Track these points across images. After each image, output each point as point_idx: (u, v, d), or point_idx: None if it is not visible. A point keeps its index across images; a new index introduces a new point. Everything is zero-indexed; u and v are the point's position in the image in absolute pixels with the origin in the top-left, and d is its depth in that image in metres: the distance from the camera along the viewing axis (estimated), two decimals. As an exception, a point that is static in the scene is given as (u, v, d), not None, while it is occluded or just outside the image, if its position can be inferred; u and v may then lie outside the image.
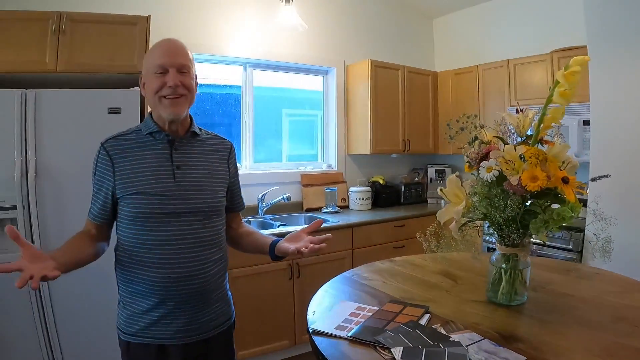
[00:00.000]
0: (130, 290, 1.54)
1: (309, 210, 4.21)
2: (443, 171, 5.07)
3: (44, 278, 1.16)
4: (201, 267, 1.55)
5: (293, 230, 1.73)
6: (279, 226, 3.59)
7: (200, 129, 1.69)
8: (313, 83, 4.65)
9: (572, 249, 3.23)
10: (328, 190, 4.24)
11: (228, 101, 4.08)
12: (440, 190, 1.55)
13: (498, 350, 1.19)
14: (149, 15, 2.98)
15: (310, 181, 4.31)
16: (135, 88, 2.78)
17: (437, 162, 5.29)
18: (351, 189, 4.48)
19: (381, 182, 4.70)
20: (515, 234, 1.45)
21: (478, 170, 1.46)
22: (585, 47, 3.39)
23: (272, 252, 1.66)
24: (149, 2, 3.45)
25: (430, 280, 1.86)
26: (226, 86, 4.06)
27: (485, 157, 1.47)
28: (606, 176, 1.45)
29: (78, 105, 2.69)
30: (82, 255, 1.45)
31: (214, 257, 1.61)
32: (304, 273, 3.40)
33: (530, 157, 1.35)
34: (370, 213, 4.23)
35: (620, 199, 2.69)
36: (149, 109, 1.63)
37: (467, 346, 1.21)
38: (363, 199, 4.41)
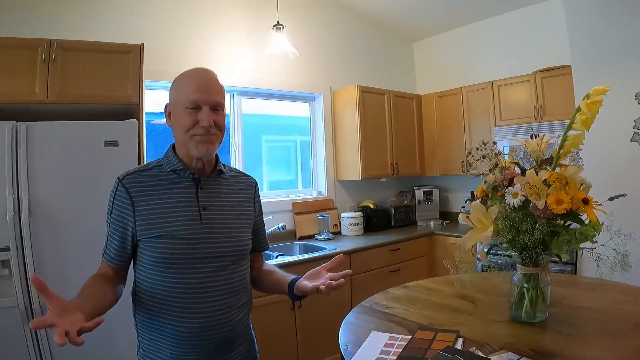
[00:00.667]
0: (151, 338, 1.44)
1: (302, 238, 4.20)
2: (430, 192, 5.14)
3: (81, 331, 1.05)
4: (229, 315, 1.47)
5: (290, 261, 1.71)
6: (277, 257, 3.57)
7: (224, 166, 1.59)
8: (298, 109, 4.69)
9: (566, 262, 3.29)
10: (320, 217, 4.25)
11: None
12: (467, 217, 1.57)
13: None
14: (142, 44, 2.94)
15: (302, 209, 4.31)
16: (132, 120, 2.73)
17: (424, 184, 5.36)
18: (343, 214, 4.49)
19: (371, 206, 4.73)
20: (542, 255, 1.49)
21: (504, 195, 1.49)
22: (568, 66, 3.52)
23: (292, 292, 1.55)
24: (138, 29, 3.45)
25: (450, 304, 1.87)
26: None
27: (510, 183, 1.50)
28: (623, 195, 1.49)
29: (73, 138, 2.59)
30: (105, 302, 1.33)
31: (240, 303, 1.53)
32: (305, 303, 3.37)
33: (554, 182, 1.39)
34: (364, 238, 4.24)
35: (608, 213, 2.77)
36: (171, 144, 1.53)
37: (509, 368, 1.22)
38: (355, 224, 4.43)
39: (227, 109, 4.02)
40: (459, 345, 1.41)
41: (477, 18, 4.91)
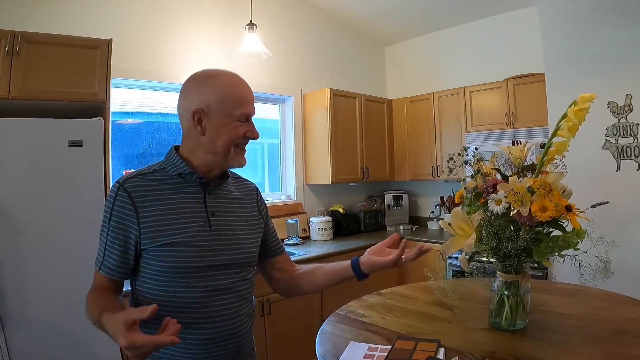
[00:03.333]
0: (158, 356, 1.34)
1: (271, 242, 4.11)
2: (400, 197, 5.14)
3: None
4: (240, 324, 1.43)
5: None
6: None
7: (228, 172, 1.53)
8: (267, 112, 4.62)
9: (537, 267, 3.32)
10: (289, 221, 4.18)
11: (183, 131, 3.95)
12: (449, 224, 1.53)
13: None
14: (111, 39, 2.82)
15: (270, 213, 4.15)
16: (98, 119, 2.62)
17: (393, 189, 5.37)
18: (312, 219, 4.44)
19: (341, 211, 4.69)
20: (524, 262, 1.47)
21: (487, 202, 1.46)
22: (540, 74, 3.57)
23: (359, 271, 1.57)
24: (108, 24, 3.31)
25: (428, 312, 1.83)
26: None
27: (493, 189, 1.47)
28: (606, 202, 1.48)
29: (35, 136, 2.43)
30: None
31: (249, 311, 1.49)
32: (275, 310, 3.30)
33: (538, 189, 1.37)
34: (334, 243, 4.20)
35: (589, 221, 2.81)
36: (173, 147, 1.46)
37: (496, 380, 1.18)
38: (325, 229, 4.38)
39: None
40: (440, 355, 1.37)
41: (450, 24, 4.95)
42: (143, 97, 3.71)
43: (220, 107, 1.34)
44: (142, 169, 1.41)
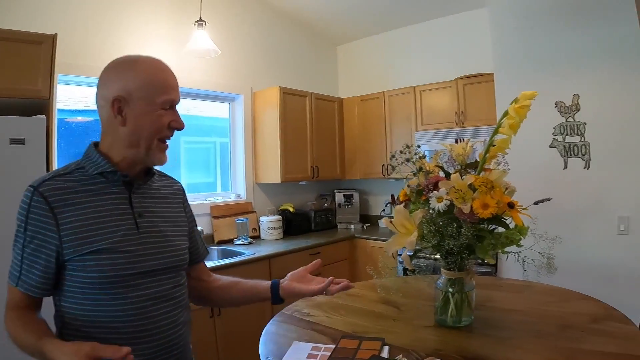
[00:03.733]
0: None
1: (220, 242, 4.05)
2: (351, 196, 5.15)
3: None
4: (180, 334, 1.31)
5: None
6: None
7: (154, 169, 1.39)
8: (219, 110, 4.53)
9: (487, 263, 3.39)
10: (239, 221, 4.12)
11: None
12: (391, 222, 1.52)
13: None
14: (56, 34, 2.69)
15: (220, 212, 4.16)
16: (40, 116, 2.50)
17: (344, 187, 5.37)
18: (262, 218, 4.39)
19: (291, 210, 4.65)
20: (466, 259, 1.47)
21: (428, 200, 1.45)
22: (489, 74, 3.66)
23: (277, 295, 1.49)
24: (53, 19, 3.15)
25: (374, 310, 1.83)
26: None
27: (434, 187, 1.47)
28: (548, 199, 1.51)
29: None
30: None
31: (187, 319, 1.38)
32: (225, 311, 3.23)
33: (480, 186, 1.37)
34: (284, 242, 4.16)
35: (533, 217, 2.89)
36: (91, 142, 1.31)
37: (438, 377, 1.18)
38: (275, 228, 4.34)
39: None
40: (385, 353, 1.36)
41: (402, 24, 4.99)
42: (93, 95, 3.56)
43: (142, 94, 1.21)
44: (58, 170, 1.25)
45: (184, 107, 4.21)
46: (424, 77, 4.63)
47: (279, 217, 4.45)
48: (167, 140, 1.30)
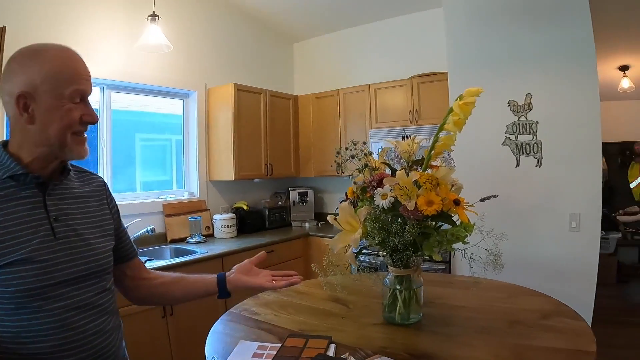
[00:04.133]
0: None
1: (173, 241, 3.97)
2: (305, 194, 5.14)
3: None
4: (108, 342, 1.24)
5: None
6: (145, 261, 3.31)
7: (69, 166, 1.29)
8: (174, 107, 4.43)
9: (440, 260, 3.45)
10: (192, 219, 4.05)
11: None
12: (335, 219, 1.51)
13: None
14: (4, 27, 2.61)
15: (172, 210, 4.08)
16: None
17: (298, 185, 5.35)
18: (215, 216, 4.33)
19: (245, 207, 4.61)
20: (412, 257, 1.48)
21: (373, 197, 1.45)
22: (443, 73, 3.71)
23: (223, 289, 1.48)
24: (1, 11, 2.99)
25: (323, 308, 1.83)
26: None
27: (379, 184, 1.47)
28: (494, 196, 1.53)
29: None
30: None
31: (115, 325, 1.30)
32: (178, 310, 3.16)
33: (425, 183, 1.38)
34: (237, 240, 4.11)
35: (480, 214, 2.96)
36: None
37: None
38: (228, 227, 4.29)
39: (94, 104, 3.70)
40: (331, 352, 1.36)
41: (358, 22, 5.01)
42: None
43: (48, 87, 1.11)
44: None
45: (140, 104, 4.12)
46: (380, 75, 4.67)
47: (232, 215, 4.39)
48: (83, 133, 1.20)
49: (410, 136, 1.64)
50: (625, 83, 5.92)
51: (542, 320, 1.58)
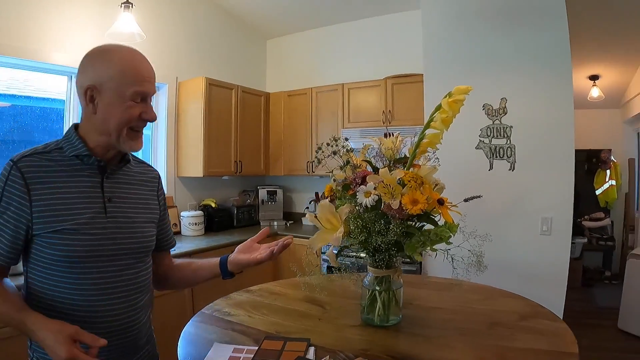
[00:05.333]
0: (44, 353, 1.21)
1: (138, 238, 3.84)
2: (274, 192, 5.09)
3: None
4: (136, 317, 1.37)
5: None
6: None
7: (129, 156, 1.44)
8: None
9: (412, 261, 3.44)
10: (159, 215, 3.93)
11: (50, 116, 3.54)
12: (315, 217, 1.46)
13: None
14: None
15: (137, 206, 3.95)
16: None
17: (267, 184, 5.30)
18: (183, 213, 4.23)
19: (213, 205, 4.52)
20: (395, 257, 1.44)
21: (355, 195, 1.40)
22: (418, 75, 3.73)
23: (225, 270, 1.57)
24: None
25: (298, 309, 1.77)
26: (48, 99, 3.53)
27: (362, 181, 1.42)
28: (478, 197, 1.50)
29: None
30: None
31: (145, 303, 1.43)
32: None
33: (409, 181, 1.34)
34: (205, 238, 4.03)
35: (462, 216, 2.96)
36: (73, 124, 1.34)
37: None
38: (196, 224, 4.20)
39: (64, 94, 3.60)
40: (310, 354, 1.31)
41: (334, 21, 4.99)
42: (12, 78, 3.29)
43: (113, 85, 1.25)
44: (38, 147, 1.30)
45: None
46: (354, 75, 4.65)
47: (200, 212, 4.30)
48: (141, 129, 1.33)
49: (392, 134, 1.61)
50: (595, 92, 6.07)
51: (521, 322, 1.56)
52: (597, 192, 6.86)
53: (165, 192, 4.10)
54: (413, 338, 1.46)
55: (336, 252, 1.49)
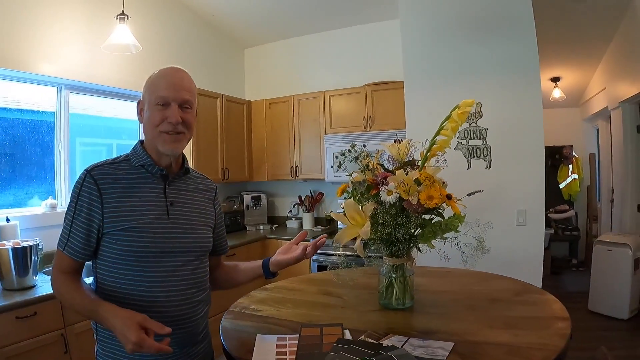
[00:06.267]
0: (112, 335, 1.32)
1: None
2: (259, 197, 5.22)
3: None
4: (193, 310, 1.51)
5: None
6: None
7: (189, 167, 1.63)
8: (125, 110, 4.32)
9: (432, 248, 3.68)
10: (153, 224, 4.00)
11: (41, 128, 3.58)
12: (344, 213, 1.63)
13: (428, 343, 1.36)
14: None
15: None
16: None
17: (250, 189, 5.43)
18: (174, 221, 4.30)
19: (202, 212, 4.60)
20: (412, 246, 1.64)
21: (379, 193, 1.59)
22: (398, 82, 3.93)
23: (267, 270, 1.73)
24: None
25: (319, 301, 1.93)
26: (38, 112, 3.56)
27: (383, 182, 1.61)
28: (480, 191, 1.71)
29: None
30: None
31: (203, 299, 1.57)
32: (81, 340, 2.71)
33: (424, 180, 1.54)
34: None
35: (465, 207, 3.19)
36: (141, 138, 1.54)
37: (402, 346, 1.33)
38: (188, 231, 4.27)
39: (54, 106, 3.61)
40: (347, 336, 1.46)
41: (313, 30, 5.17)
42: (3, 91, 3.31)
43: (147, 96, 1.47)
44: (108, 159, 1.49)
45: (81, 107, 3.95)
46: (334, 82, 4.85)
47: (192, 220, 4.38)
48: (172, 132, 1.45)
49: (401, 140, 1.80)
50: (557, 93, 6.45)
51: (516, 297, 1.83)
52: (561, 185, 7.23)
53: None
54: (429, 316, 1.66)
55: (363, 243, 1.67)
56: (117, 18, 3.51)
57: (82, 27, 3.67)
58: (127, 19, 3.53)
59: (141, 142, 1.54)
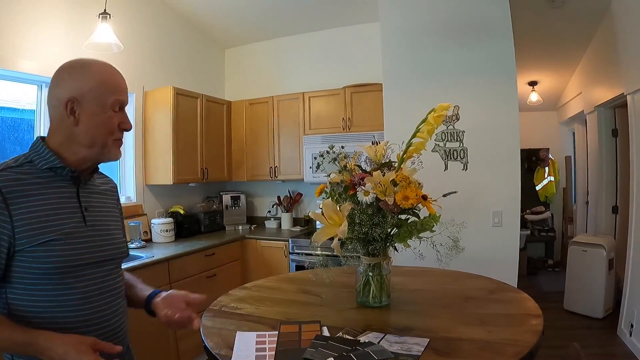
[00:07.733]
0: None
1: (111, 246, 3.90)
2: (238, 197, 5.24)
3: None
4: (121, 322, 1.41)
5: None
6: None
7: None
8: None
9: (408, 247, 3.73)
10: (132, 224, 4.01)
11: (21, 126, 3.55)
12: (321, 213, 1.67)
13: (404, 339, 1.41)
14: None
15: (109, 216, 4.01)
16: None
17: (229, 189, 5.44)
18: (153, 221, 4.31)
19: (181, 212, 4.62)
20: (388, 245, 1.69)
21: (355, 194, 1.63)
22: (377, 84, 3.98)
23: (149, 306, 1.51)
24: None
25: (298, 299, 1.96)
26: (18, 110, 3.54)
27: (359, 183, 1.65)
28: (455, 192, 1.77)
29: None
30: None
31: (125, 308, 1.47)
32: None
33: (401, 181, 1.59)
34: (177, 245, 4.13)
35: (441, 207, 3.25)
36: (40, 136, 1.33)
37: (378, 342, 1.38)
38: (167, 231, 4.29)
39: (34, 104, 3.59)
40: (325, 332, 1.50)
41: (292, 32, 5.20)
42: None
43: (94, 96, 1.27)
44: (8, 162, 1.27)
45: None
46: (313, 84, 4.89)
47: (170, 219, 4.39)
48: (120, 138, 1.37)
49: (379, 142, 1.85)
50: (534, 97, 6.59)
51: (490, 295, 1.89)
52: (537, 187, 7.38)
53: (135, 201, 4.28)
54: (405, 313, 1.71)
55: (340, 243, 1.70)
56: (99, 17, 3.50)
57: (64, 25, 3.65)
58: (109, 17, 3.52)
59: (42, 140, 1.32)
